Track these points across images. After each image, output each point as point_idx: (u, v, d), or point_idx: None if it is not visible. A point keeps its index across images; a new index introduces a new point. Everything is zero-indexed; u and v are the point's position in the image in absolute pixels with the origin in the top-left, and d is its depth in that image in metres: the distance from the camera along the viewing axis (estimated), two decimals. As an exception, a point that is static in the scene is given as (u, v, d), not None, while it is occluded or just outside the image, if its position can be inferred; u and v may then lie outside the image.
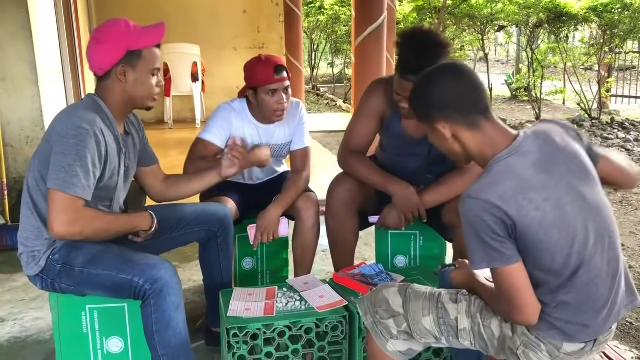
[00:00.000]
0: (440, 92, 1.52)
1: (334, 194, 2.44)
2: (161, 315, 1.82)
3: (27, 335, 2.57)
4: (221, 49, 8.44)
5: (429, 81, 1.56)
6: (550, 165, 1.45)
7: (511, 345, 1.53)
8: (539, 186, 1.41)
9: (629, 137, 7.28)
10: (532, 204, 1.39)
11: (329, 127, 7.97)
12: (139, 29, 1.91)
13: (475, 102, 1.51)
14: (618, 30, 8.28)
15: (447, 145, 1.57)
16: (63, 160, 1.75)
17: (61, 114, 1.89)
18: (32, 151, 3.75)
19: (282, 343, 1.96)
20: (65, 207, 1.74)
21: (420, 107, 1.58)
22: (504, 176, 1.41)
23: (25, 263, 1.92)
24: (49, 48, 4.22)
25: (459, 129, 1.51)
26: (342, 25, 11.77)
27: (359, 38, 4.61)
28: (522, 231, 1.39)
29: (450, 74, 1.53)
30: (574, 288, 1.44)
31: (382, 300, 1.66)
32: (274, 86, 2.40)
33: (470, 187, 1.44)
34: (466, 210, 1.42)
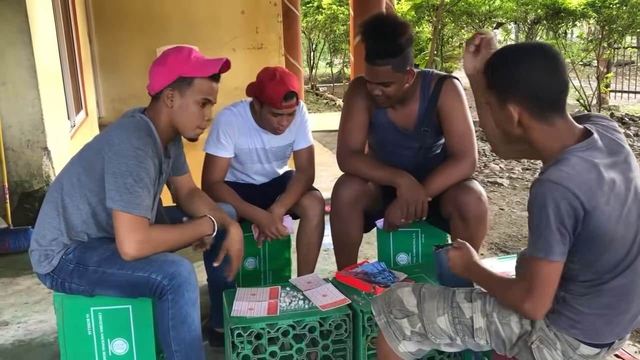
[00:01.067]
0: (528, 76, 1.42)
1: (339, 195, 2.44)
2: (178, 310, 1.82)
3: (31, 338, 2.57)
4: (220, 49, 8.43)
5: (521, 57, 1.45)
6: (616, 160, 1.43)
7: (526, 338, 1.52)
8: (610, 181, 1.39)
9: (629, 132, 7.28)
10: (604, 197, 1.37)
11: (329, 127, 7.96)
12: (199, 58, 1.92)
13: (557, 98, 1.44)
14: (616, 25, 8.28)
15: (507, 127, 1.49)
16: (126, 182, 1.77)
17: (117, 130, 1.86)
18: (33, 155, 3.84)
19: (286, 342, 1.96)
20: (133, 228, 1.78)
21: (500, 80, 1.47)
22: (584, 168, 1.37)
23: (36, 261, 1.93)
24: (48, 52, 4.23)
25: (530, 118, 1.44)
26: (340, 25, 11.77)
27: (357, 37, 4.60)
28: (592, 224, 1.36)
29: (545, 61, 1.43)
30: (613, 289, 1.43)
31: (396, 300, 1.65)
32: (278, 111, 2.39)
33: (550, 171, 1.37)
34: (543, 193, 1.36)
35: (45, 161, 3.93)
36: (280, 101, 2.34)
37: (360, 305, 2.02)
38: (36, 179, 3.91)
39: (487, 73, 1.51)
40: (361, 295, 2.11)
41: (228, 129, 2.47)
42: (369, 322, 1.99)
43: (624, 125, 7.81)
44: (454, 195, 2.33)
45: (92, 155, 1.89)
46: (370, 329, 2.00)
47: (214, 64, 1.91)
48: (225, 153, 2.48)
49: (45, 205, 1.95)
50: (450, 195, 2.34)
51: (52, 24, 4.53)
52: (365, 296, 2.10)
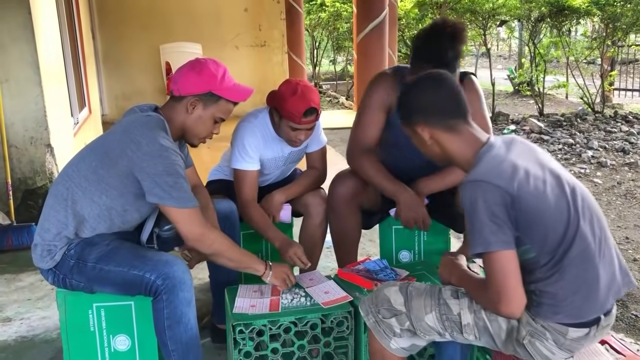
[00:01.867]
0: (419, 99, 1.65)
1: (335, 192, 2.45)
2: (173, 310, 1.84)
3: (34, 335, 2.58)
4: (223, 47, 8.45)
5: (411, 89, 1.69)
6: (522, 152, 1.57)
7: (517, 336, 1.55)
8: (524, 166, 1.51)
9: (632, 130, 7.26)
10: (524, 179, 1.48)
11: (332, 125, 7.97)
12: (231, 81, 2.02)
13: (452, 107, 1.64)
14: (620, 23, 8.26)
15: (426, 147, 1.69)
16: (167, 180, 1.84)
17: (141, 129, 1.89)
18: (37, 151, 3.85)
19: (287, 339, 1.96)
20: (192, 219, 1.89)
21: (402, 112, 1.71)
22: (496, 160, 1.52)
23: (38, 255, 1.94)
24: (51, 49, 4.23)
25: (437, 132, 1.63)
26: (343, 22, 11.76)
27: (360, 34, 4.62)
28: (522, 204, 1.46)
29: (430, 82, 1.67)
30: (571, 263, 1.48)
31: (384, 300, 1.68)
32: (298, 126, 2.37)
33: (470, 174, 1.53)
34: (466, 195, 1.50)
35: (49, 158, 3.94)
36: (300, 117, 2.32)
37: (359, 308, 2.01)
38: (39, 175, 3.92)
39: (398, 111, 1.73)
40: (363, 293, 2.11)
41: (254, 142, 2.45)
42: (371, 319, 1.99)
43: (628, 124, 7.79)
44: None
45: (113, 151, 1.89)
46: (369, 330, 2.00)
47: (243, 93, 2.03)
48: (255, 166, 2.46)
49: (50, 199, 1.96)
50: None
51: (55, 20, 4.53)
52: (367, 293, 2.10)
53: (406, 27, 9.96)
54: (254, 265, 2.06)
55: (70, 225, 1.91)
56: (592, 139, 6.85)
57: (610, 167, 5.69)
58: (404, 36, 10.00)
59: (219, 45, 8.39)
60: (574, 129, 7.54)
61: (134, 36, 8.22)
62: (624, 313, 2.77)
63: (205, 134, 2.06)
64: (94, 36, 7.71)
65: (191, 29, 8.27)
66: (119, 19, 8.11)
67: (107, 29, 8.11)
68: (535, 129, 7.39)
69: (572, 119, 8.17)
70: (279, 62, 8.84)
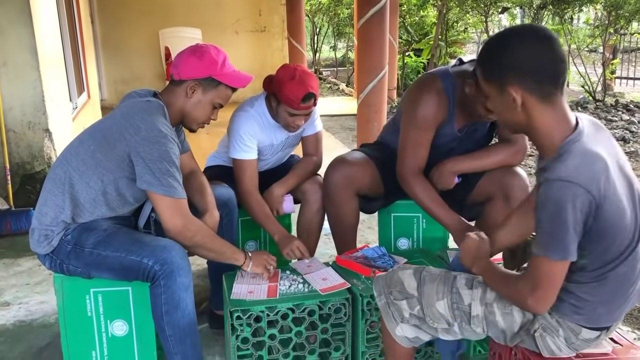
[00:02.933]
0: (522, 53, 1.38)
1: (331, 179, 2.43)
2: (171, 296, 1.84)
3: (32, 319, 2.59)
4: (223, 32, 8.40)
5: (511, 39, 1.42)
6: (607, 148, 1.41)
7: (529, 326, 1.53)
8: (611, 168, 1.36)
9: (634, 119, 7.24)
10: (611, 187, 1.35)
11: (332, 111, 7.95)
12: (231, 67, 2.03)
13: (556, 73, 1.39)
14: (623, 11, 8.20)
15: (510, 114, 1.45)
16: (160, 167, 1.83)
17: (140, 114, 1.89)
18: (35, 136, 3.83)
19: (285, 325, 1.96)
20: (177, 210, 1.88)
21: (494, 65, 1.44)
22: (588, 158, 1.34)
23: (35, 240, 1.94)
24: (49, 33, 4.20)
25: (531, 99, 1.40)
26: (344, 8, 11.69)
27: (361, 20, 4.57)
28: (603, 215, 1.35)
29: (536, 37, 1.40)
30: (618, 275, 1.43)
31: (397, 282, 1.66)
32: (295, 111, 2.35)
33: (557, 169, 1.33)
34: (554, 193, 1.32)
35: (47, 143, 3.93)
36: (298, 102, 2.30)
37: (360, 290, 2.02)
38: (37, 160, 3.91)
39: (482, 62, 1.48)
40: (361, 280, 2.11)
41: (251, 131, 2.43)
42: (368, 306, 1.99)
43: (629, 112, 7.76)
44: (500, 177, 2.34)
45: (111, 135, 1.89)
46: (370, 313, 2.00)
47: (243, 80, 2.04)
48: (253, 155, 2.45)
49: (48, 183, 1.95)
50: (495, 176, 2.34)
51: (54, 4, 4.49)
52: (365, 280, 2.10)
53: (407, 13, 9.90)
54: (234, 256, 2.06)
55: (68, 209, 1.90)
56: (592, 127, 6.82)
57: (610, 156, 5.68)
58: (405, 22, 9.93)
59: (218, 30, 8.34)
60: (574, 117, 7.51)
61: (134, 21, 8.16)
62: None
63: (204, 119, 2.06)
64: (93, 20, 7.66)
65: (191, 14, 8.22)
66: (118, 4, 8.05)
67: (107, 14, 8.05)
68: (536, 117, 7.36)
69: (573, 107, 8.14)
70: (278, 48, 8.80)
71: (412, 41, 10.10)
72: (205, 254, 2.04)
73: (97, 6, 7.96)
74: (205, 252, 2.02)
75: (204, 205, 2.14)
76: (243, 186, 2.43)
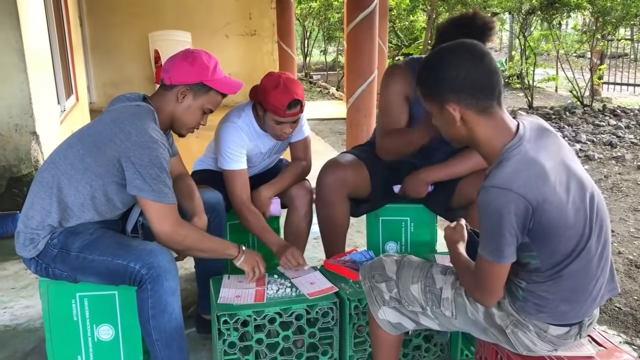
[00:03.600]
0: (455, 71, 1.44)
1: (323, 181, 2.44)
2: (157, 300, 1.83)
3: (17, 324, 2.56)
4: (213, 35, 8.39)
5: (443, 58, 1.47)
6: (551, 150, 1.46)
7: (500, 322, 1.56)
8: (550, 171, 1.41)
9: (620, 124, 7.31)
10: (550, 189, 1.39)
11: (322, 115, 7.97)
12: (222, 73, 2.04)
13: (491, 86, 1.44)
14: (610, 17, 8.29)
15: (453, 129, 1.51)
16: (151, 172, 1.83)
17: (131, 119, 1.88)
18: (22, 139, 3.80)
19: (272, 329, 1.96)
20: (167, 215, 1.87)
21: (431, 86, 1.50)
22: (524, 164, 1.40)
23: (21, 244, 1.92)
24: (37, 35, 4.17)
25: (469, 113, 1.46)
26: (334, 12, 11.72)
27: (350, 25, 4.57)
28: (543, 216, 1.39)
29: (467, 53, 1.45)
30: (572, 272, 1.46)
31: (379, 266, 1.75)
32: (282, 119, 2.35)
33: (494, 176, 1.40)
34: (491, 200, 1.39)
35: (34, 146, 3.89)
36: (284, 110, 2.30)
37: (348, 294, 2.02)
38: (24, 163, 3.88)
39: (420, 82, 1.54)
40: (349, 284, 2.11)
41: (239, 142, 2.42)
42: (356, 310, 1.99)
43: (616, 117, 7.84)
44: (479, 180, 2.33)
45: (101, 140, 1.88)
46: (357, 317, 2.00)
47: (234, 86, 2.05)
48: (243, 165, 2.45)
49: (35, 186, 1.94)
50: (474, 180, 2.35)
51: (42, 6, 4.47)
52: (353, 284, 2.10)
53: (397, 17, 9.95)
54: (227, 251, 2.08)
55: (55, 213, 1.89)
56: (580, 132, 6.89)
57: (597, 161, 5.73)
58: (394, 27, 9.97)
59: (208, 33, 8.33)
60: (562, 122, 7.58)
61: (123, 23, 8.13)
62: (608, 305, 2.80)
63: (194, 124, 2.06)
64: (82, 23, 7.61)
65: (181, 17, 8.20)
66: (107, 6, 8.01)
67: (96, 16, 8.01)
68: (524, 122, 7.41)
69: (561, 112, 8.20)
70: (269, 52, 8.80)
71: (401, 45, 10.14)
72: (198, 254, 2.05)
73: (86, 9, 7.93)
74: (199, 253, 2.03)
75: (192, 209, 2.14)
76: (236, 197, 2.43)
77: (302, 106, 2.37)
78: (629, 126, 7.30)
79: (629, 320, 2.68)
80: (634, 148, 6.23)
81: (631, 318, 2.70)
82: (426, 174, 2.39)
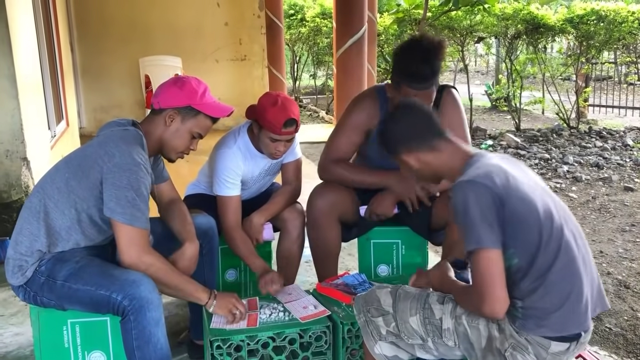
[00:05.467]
0: (397, 130, 1.74)
1: (314, 205, 2.46)
2: (141, 331, 1.81)
3: (6, 352, 2.53)
4: (203, 61, 8.44)
5: (387, 124, 1.78)
6: (514, 165, 1.65)
7: (499, 346, 1.58)
8: (512, 173, 1.58)
9: (606, 146, 7.41)
10: (514, 183, 1.54)
11: (312, 138, 8.00)
12: (212, 98, 2.06)
13: (429, 129, 1.72)
14: (594, 41, 8.45)
15: (417, 172, 1.76)
16: (127, 195, 1.82)
17: (116, 142, 1.89)
18: (12, 165, 3.80)
19: (265, 354, 1.96)
20: (135, 239, 1.86)
21: (387, 147, 1.79)
22: (486, 166, 1.59)
23: (10, 271, 1.91)
24: (28, 62, 4.19)
25: (422, 155, 1.71)
26: (323, 37, 11.83)
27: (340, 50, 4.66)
28: (511, 206, 1.51)
29: (401, 112, 1.76)
30: (557, 276, 1.51)
31: (374, 299, 1.74)
32: (277, 137, 2.38)
33: (460, 178, 1.58)
34: (458, 195, 1.55)
35: (25, 171, 3.88)
36: (280, 127, 2.33)
37: (341, 317, 2.02)
38: (15, 189, 3.87)
39: (381, 146, 1.81)
40: (341, 307, 2.11)
41: (235, 168, 2.44)
42: (349, 333, 1.99)
43: (602, 139, 7.95)
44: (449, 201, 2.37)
45: (86, 163, 1.89)
46: (350, 340, 2.00)
47: (223, 110, 2.06)
48: (237, 191, 2.46)
49: (24, 212, 1.94)
50: (444, 201, 2.37)
51: (33, 33, 4.49)
52: (346, 308, 2.10)
53: (385, 42, 10.06)
54: (195, 294, 1.99)
55: (43, 237, 1.89)
56: (567, 154, 6.97)
57: (585, 182, 5.79)
58: (383, 52, 10.10)
59: (199, 58, 8.38)
60: (550, 144, 7.67)
61: (114, 49, 8.16)
62: (598, 326, 2.81)
63: (182, 148, 2.06)
64: (73, 49, 7.65)
65: (171, 43, 8.25)
66: (98, 32, 8.06)
67: (86, 42, 8.05)
68: (512, 144, 7.50)
69: (548, 134, 8.31)
70: (259, 76, 8.86)
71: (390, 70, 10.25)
72: (162, 289, 1.94)
73: (77, 35, 7.97)
74: (162, 287, 1.93)
75: (184, 234, 2.14)
76: (227, 222, 2.44)
77: (297, 125, 2.40)
78: (614, 147, 7.40)
79: (619, 341, 2.70)
80: (620, 169, 6.31)
81: (622, 338, 2.72)
82: (389, 190, 2.43)
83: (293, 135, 2.43)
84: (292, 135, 2.42)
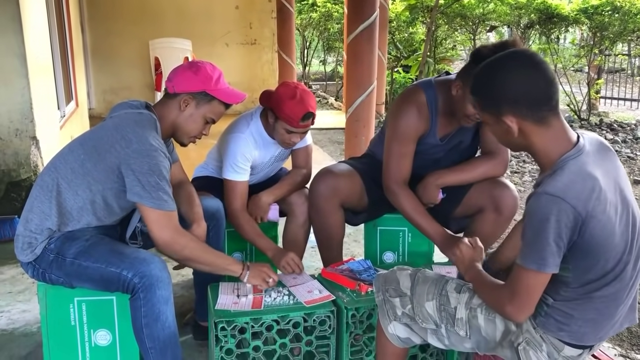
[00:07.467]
0: (512, 84, 1.43)
1: (316, 191, 2.46)
2: (150, 308, 1.83)
3: (14, 328, 2.56)
4: (213, 44, 8.43)
5: (499, 70, 1.45)
6: (607, 168, 1.45)
7: (512, 339, 1.55)
8: (605, 188, 1.40)
9: (617, 139, 7.35)
10: (601, 206, 1.38)
11: (321, 125, 7.97)
12: (225, 84, 2.07)
13: (548, 96, 1.43)
14: (608, 32, 8.35)
15: (509, 138, 1.50)
16: (150, 180, 1.84)
17: (132, 126, 1.90)
18: (22, 144, 3.82)
19: (269, 337, 1.97)
20: (165, 222, 1.88)
21: (487, 98, 1.48)
22: (580, 176, 1.38)
23: (19, 248, 1.93)
24: (39, 41, 4.20)
25: (527, 124, 1.44)
26: (334, 23, 11.77)
27: (351, 36, 4.61)
28: (588, 232, 1.38)
29: (523, 64, 1.44)
30: (604, 296, 1.45)
31: (394, 280, 1.73)
32: (294, 129, 2.37)
33: (547, 184, 1.38)
34: (540, 206, 1.37)
35: (34, 151, 3.91)
36: (298, 121, 2.33)
37: (345, 302, 2.03)
38: (24, 168, 3.89)
39: (475, 93, 1.53)
40: (346, 292, 2.12)
41: (247, 154, 2.44)
42: (353, 319, 2.00)
43: (613, 132, 7.88)
44: (490, 189, 2.38)
45: (102, 145, 1.90)
46: (354, 325, 2.01)
47: (237, 97, 2.08)
48: (245, 177, 2.46)
49: (35, 190, 1.95)
50: (485, 188, 2.38)
51: (44, 12, 4.49)
52: (350, 293, 2.11)
53: (396, 29, 9.99)
54: (230, 267, 2.05)
55: (54, 216, 1.90)
56: (577, 146, 6.91)
57: (594, 174, 5.74)
58: (394, 38, 10.02)
59: (209, 42, 8.37)
60: (559, 135, 7.61)
61: (124, 30, 8.16)
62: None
63: (195, 132, 2.08)
64: (83, 30, 7.65)
65: (181, 25, 8.23)
66: (109, 13, 8.06)
67: (97, 23, 8.05)
68: (522, 135, 7.45)
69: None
70: (268, 61, 8.84)
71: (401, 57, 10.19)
72: (198, 267, 2.04)
73: (87, 15, 7.96)
74: (198, 265, 2.02)
75: (192, 215, 2.15)
76: (232, 205, 2.44)
77: (314, 118, 2.39)
78: (625, 140, 7.34)
79: (623, 333, 2.69)
80: (630, 162, 6.27)
81: (626, 331, 2.72)
82: (435, 178, 2.39)
83: (309, 128, 2.43)
84: (308, 127, 2.42)
